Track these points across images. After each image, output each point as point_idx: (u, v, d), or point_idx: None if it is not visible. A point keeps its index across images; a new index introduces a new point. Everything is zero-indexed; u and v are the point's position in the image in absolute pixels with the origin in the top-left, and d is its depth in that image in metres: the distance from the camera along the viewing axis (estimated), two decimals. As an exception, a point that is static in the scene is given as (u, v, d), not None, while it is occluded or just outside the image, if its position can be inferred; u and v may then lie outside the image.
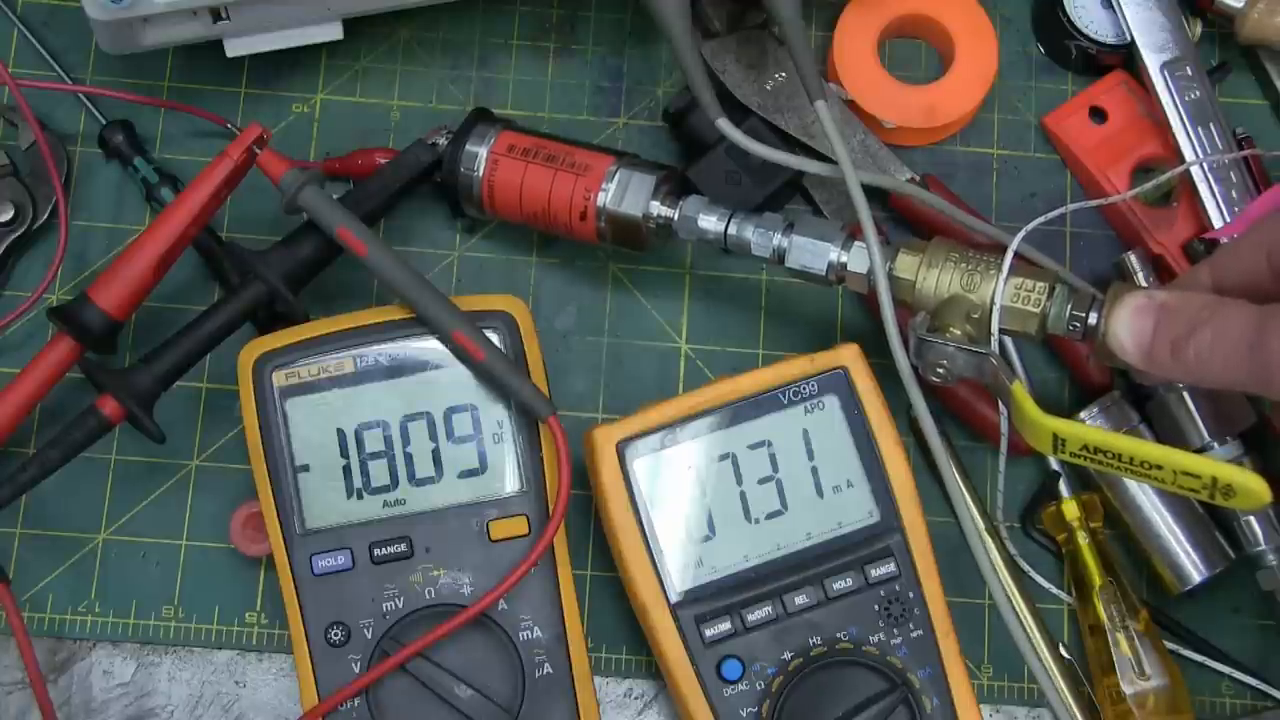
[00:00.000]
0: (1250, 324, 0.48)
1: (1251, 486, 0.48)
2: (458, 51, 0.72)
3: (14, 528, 0.66)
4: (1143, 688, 0.62)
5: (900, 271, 0.59)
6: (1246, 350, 0.48)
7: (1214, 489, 0.49)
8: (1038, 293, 0.57)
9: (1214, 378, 0.50)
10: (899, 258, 0.59)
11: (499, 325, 0.62)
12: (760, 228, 0.61)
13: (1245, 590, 0.65)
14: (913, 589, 0.59)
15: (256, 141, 0.61)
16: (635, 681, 0.65)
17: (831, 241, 0.60)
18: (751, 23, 0.70)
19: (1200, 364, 0.50)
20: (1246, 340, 0.48)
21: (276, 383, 0.61)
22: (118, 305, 0.61)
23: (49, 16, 0.71)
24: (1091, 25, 0.70)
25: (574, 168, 0.63)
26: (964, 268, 0.58)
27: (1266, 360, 0.47)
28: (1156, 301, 0.52)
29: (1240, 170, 0.67)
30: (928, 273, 0.58)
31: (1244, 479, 0.48)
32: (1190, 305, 0.51)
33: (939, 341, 0.56)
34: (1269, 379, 0.47)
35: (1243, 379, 0.49)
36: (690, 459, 0.60)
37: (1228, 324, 0.49)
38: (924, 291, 0.58)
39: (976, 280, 0.58)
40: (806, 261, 0.61)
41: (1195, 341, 0.50)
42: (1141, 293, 0.53)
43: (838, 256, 0.60)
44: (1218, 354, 0.49)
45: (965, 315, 0.57)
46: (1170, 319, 0.51)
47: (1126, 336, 0.53)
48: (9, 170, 0.68)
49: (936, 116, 0.69)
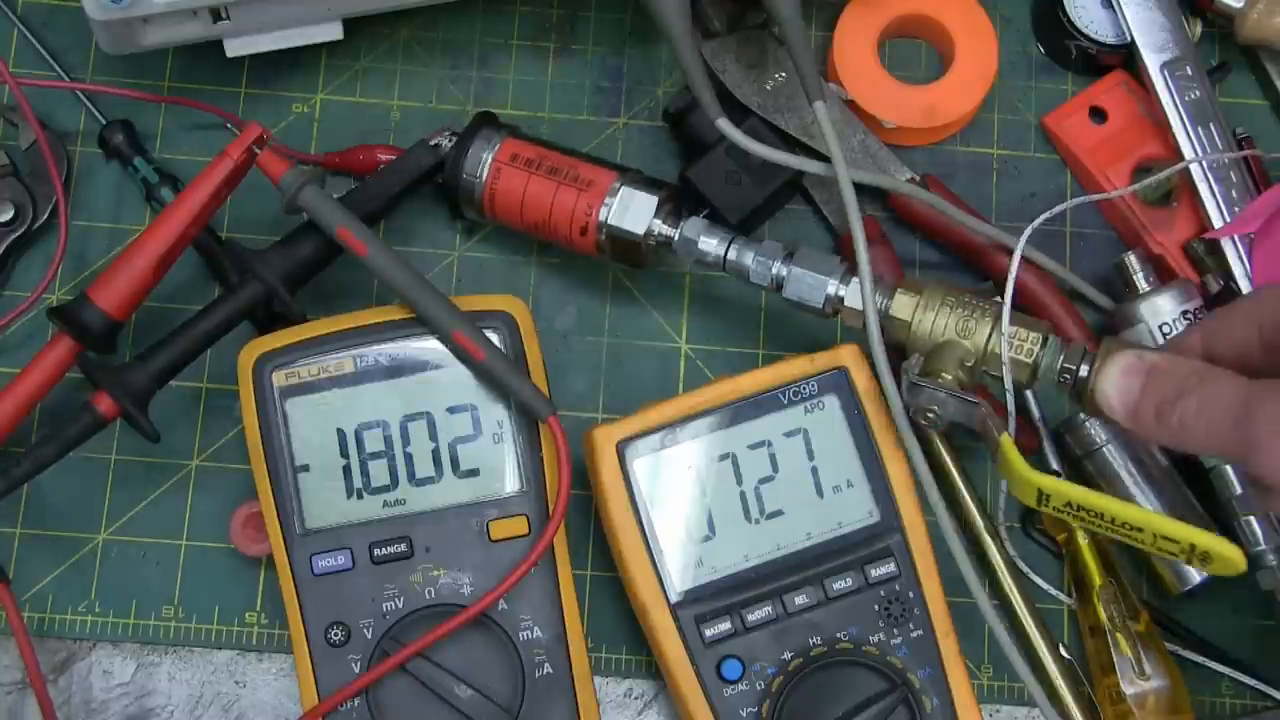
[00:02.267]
0: (1237, 398, 0.49)
1: (1228, 555, 0.49)
2: (458, 51, 0.72)
3: (14, 528, 0.65)
4: (1143, 688, 0.62)
5: (896, 312, 0.59)
6: (1231, 424, 0.49)
7: (1191, 555, 0.50)
8: (1031, 342, 0.57)
9: (1197, 445, 0.51)
10: (896, 298, 0.59)
11: (499, 325, 0.62)
12: (760, 255, 0.61)
13: (1245, 590, 0.65)
14: (913, 589, 0.59)
15: (256, 141, 0.61)
16: (635, 681, 0.65)
17: (830, 275, 0.60)
18: (751, 23, 0.70)
19: (1184, 430, 0.51)
20: (1232, 415, 0.49)
21: (276, 383, 0.61)
22: (117, 305, 0.61)
23: (49, 16, 0.71)
24: (1091, 25, 0.70)
25: (577, 182, 0.63)
26: (960, 313, 0.58)
27: (1250, 437, 0.48)
28: (1146, 363, 0.53)
29: (1240, 170, 0.67)
30: (923, 315, 0.58)
31: (1220, 547, 0.49)
32: (1179, 371, 0.51)
33: (930, 386, 0.56)
34: (1250, 455, 0.48)
35: (1225, 451, 0.50)
36: (690, 459, 0.60)
37: (1215, 395, 0.50)
38: (919, 334, 0.58)
39: (972, 326, 0.58)
40: (804, 294, 0.60)
41: (1181, 408, 0.50)
42: (1132, 352, 0.54)
43: (835, 290, 0.60)
44: (1202, 423, 0.50)
45: (959, 361, 0.57)
46: (1158, 382, 0.52)
47: (1114, 395, 0.53)
48: (9, 170, 0.68)
49: (936, 116, 0.69)
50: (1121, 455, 0.64)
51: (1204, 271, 0.67)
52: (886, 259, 0.67)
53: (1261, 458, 0.48)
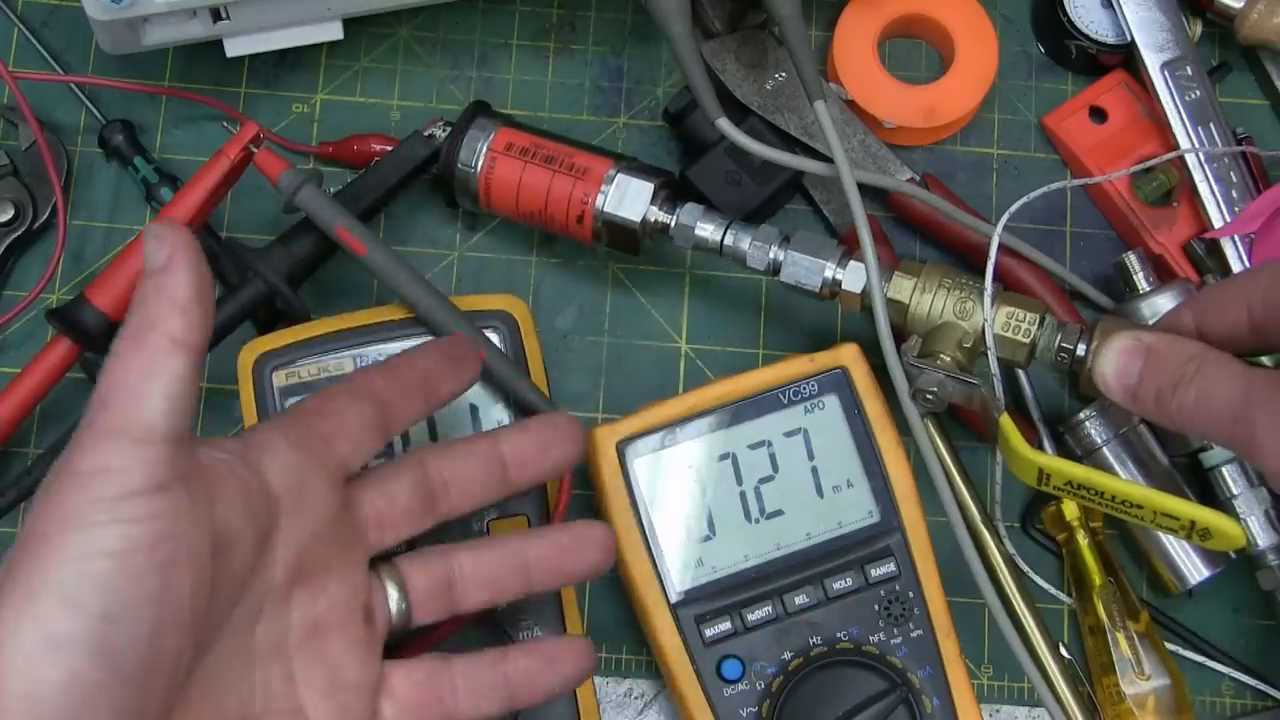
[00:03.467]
0: (1235, 393, 0.49)
1: (1227, 530, 0.50)
2: (458, 51, 0.72)
3: (14, 528, 0.65)
4: (1143, 688, 0.62)
5: (894, 294, 0.59)
6: (1229, 419, 0.49)
7: (1191, 530, 0.51)
8: (1028, 323, 0.57)
9: (1196, 433, 0.52)
10: (894, 280, 0.59)
11: (499, 325, 0.62)
12: (757, 240, 0.61)
13: (1245, 590, 0.65)
14: (913, 589, 0.59)
15: (253, 140, 0.61)
16: (635, 681, 0.65)
17: (827, 258, 0.60)
18: (751, 23, 0.70)
19: (1183, 417, 0.51)
20: (1229, 410, 0.49)
21: (276, 383, 0.61)
22: (116, 306, 0.61)
23: (49, 16, 0.71)
24: (1091, 25, 0.70)
25: (572, 170, 0.63)
26: (957, 294, 0.58)
27: (1249, 433, 0.48)
28: (1144, 344, 0.53)
29: (1240, 170, 0.67)
30: (921, 297, 0.58)
31: (1220, 522, 0.50)
32: (1177, 355, 0.52)
33: (928, 368, 0.56)
34: (1248, 449, 0.49)
35: (1224, 443, 0.51)
36: (690, 459, 0.60)
37: (1213, 387, 0.50)
38: (917, 315, 0.59)
39: (969, 308, 0.58)
40: (801, 277, 0.61)
41: (1179, 396, 0.51)
42: (1130, 333, 0.54)
43: (832, 274, 0.60)
44: (1199, 413, 0.50)
45: (956, 343, 0.57)
46: (1157, 365, 0.52)
47: (1112, 375, 0.54)
48: (9, 170, 0.68)
49: (936, 116, 0.69)
50: (1121, 455, 0.64)
51: (1204, 271, 0.67)
52: (886, 259, 0.67)
53: (1260, 455, 0.48)
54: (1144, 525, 0.53)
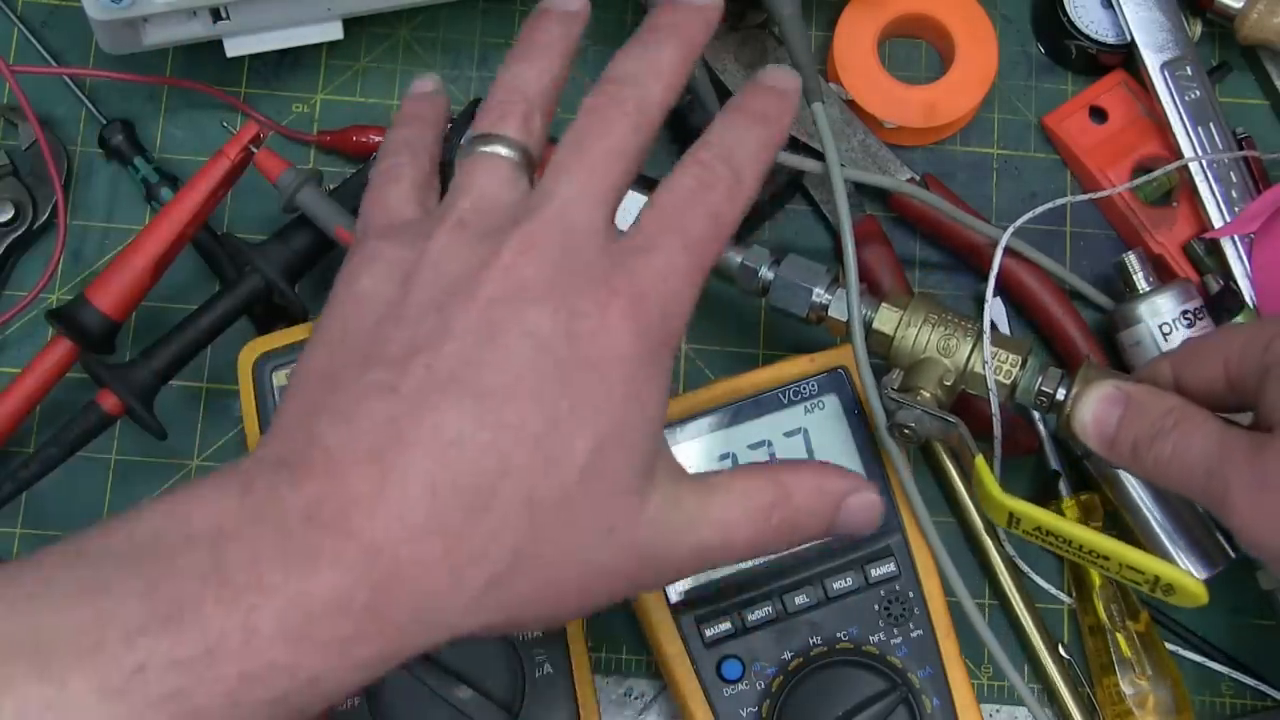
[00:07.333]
0: (1210, 450, 0.49)
1: (1190, 587, 0.50)
2: (458, 51, 0.72)
3: (14, 528, 0.65)
4: (1143, 688, 0.62)
5: (879, 326, 0.58)
6: (1204, 475, 0.49)
7: (1155, 585, 0.51)
8: (1010, 364, 0.57)
9: (1170, 485, 0.52)
10: (880, 312, 0.59)
11: (499, 325, 0.62)
12: (747, 262, 0.61)
13: (1245, 590, 0.65)
14: (913, 589, 0.59)
15: (253, 140, 0.61)
16: (635, 681, 0.65)
17: (814, 284, 0.60)
18: (751, 22, 0.70)
19: (1158, 470, 0.51)
20: (1204, 466, 0.49)
21: (276, 382, 0.61)
22: (116, 306, 0.61)
23: (49, 16, 0.71)
24: (1091, 25, 0.70)
25: None
26: (942, 330, 0.58)
27: (1223, 492, 0.49)
28: (1123, 393, 0.53)
29: (1240, 170, 0.67)
30: (906, 331, 0.58)
31: (1183, 581, 0.50)
32: (1156, 407, 0.52)
33: (907, 403, 0.56)
34: (1220, 507, 0.49)
35: (1196, 497, 0.51)
36: (690, 459, 0.60)
37: (1189, 443, 0.50)
38: (900, 349, 0.58)
39: (953, 345, 0.58)
40: (788, 301, 0.60)
41: (1156, 450, 0.51)
42: (1110, 382, 0.54)
43: (819, 299, 0.60)
44: (1174, 468, 0.51)
45: (938, 379, 0.57)
46: (1135, 415, 0.52)
47: (1090, 423, 0.54)
48: (9, 170, 0.68)
49: (936, 116, 0.69)
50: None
51: (1204, 271, 0.67)
52: (886, 259, 0.67)
53: (1232, 515, 0.49)
54: (1112, 576, 0.53)
